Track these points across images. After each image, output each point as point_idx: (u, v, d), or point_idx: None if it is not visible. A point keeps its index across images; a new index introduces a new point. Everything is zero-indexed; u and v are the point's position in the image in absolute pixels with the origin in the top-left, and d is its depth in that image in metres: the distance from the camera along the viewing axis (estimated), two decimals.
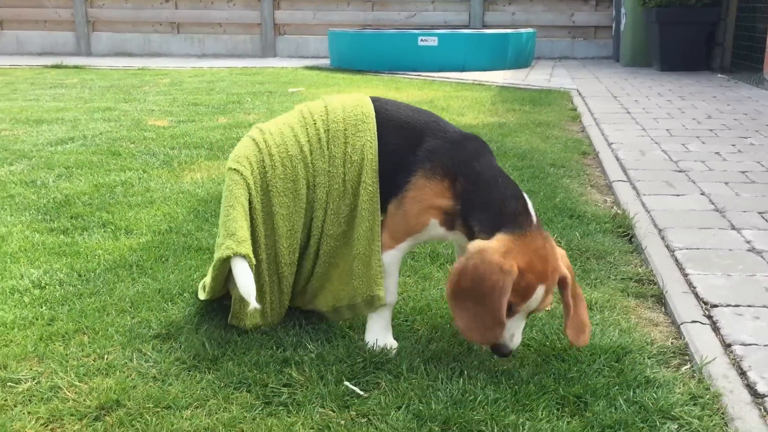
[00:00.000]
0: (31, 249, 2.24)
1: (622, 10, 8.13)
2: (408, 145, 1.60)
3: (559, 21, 9.54)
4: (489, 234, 1.47)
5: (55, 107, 5.15)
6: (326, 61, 9.04)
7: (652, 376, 1.49)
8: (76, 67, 8.55)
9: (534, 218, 1.51)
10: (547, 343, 1.63)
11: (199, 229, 2.43)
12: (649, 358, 1.57)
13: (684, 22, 7.18)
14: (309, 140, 1.64)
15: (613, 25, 9.06)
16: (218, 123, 4.46)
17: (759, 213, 2.54)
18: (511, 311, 1.45)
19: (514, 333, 1.48)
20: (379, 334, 1.63)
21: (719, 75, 6.94)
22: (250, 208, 1.60)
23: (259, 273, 1.63)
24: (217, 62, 9.15)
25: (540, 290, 1.44)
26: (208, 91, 6.07)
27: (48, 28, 10.62)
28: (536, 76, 7.17)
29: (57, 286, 1.95)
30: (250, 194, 1.60)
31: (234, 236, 1.55)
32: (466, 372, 1.51)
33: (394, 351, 1.59)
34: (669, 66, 7.36)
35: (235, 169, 1.62)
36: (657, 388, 1.44)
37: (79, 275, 2.03)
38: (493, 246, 1.43)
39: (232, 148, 3.68)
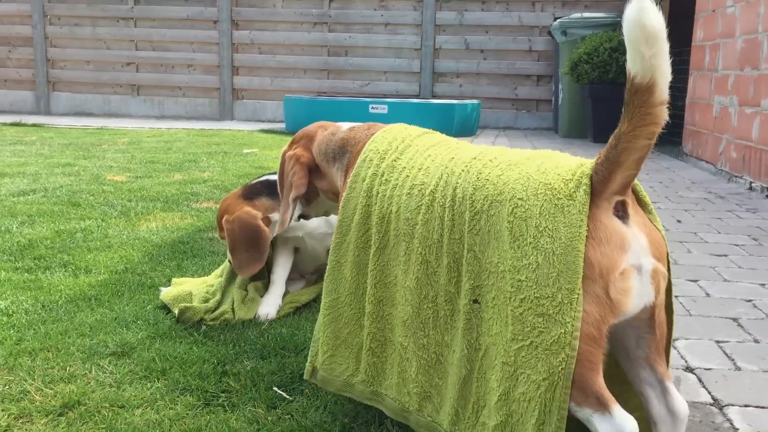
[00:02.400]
0: None
1: (560, 86, 8.75)
2: None
3: (504, 94, 10.16)
4: None
5: (16, 162, 5.38)
6: (282, 125, 9.43)
7: None
8: (35, 125, 8.77)
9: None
10: None
11: (152, 269, 2.69)
12: None
13: (614, 98, 7.77)
14: None
15: (553, 99, 9.69)
16: (174, 179, 4.75)
17: None
18: None
19: None
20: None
21: None
22: None
23: None
24: (175, 124, 9.47)
25: None
26: (165, 150, 6.37)
27: (8, 87, 10.86)
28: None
29: (23, 314, 2.19)
30: None
31: None
32: None
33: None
34: (601, 138, 7.92)
35: None
36: None
37: (43, 306, 2.28)
38: None
39: (186, 202, 3.97)
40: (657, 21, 1.08)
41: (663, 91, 1.13)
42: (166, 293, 2.31)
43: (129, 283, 2.52)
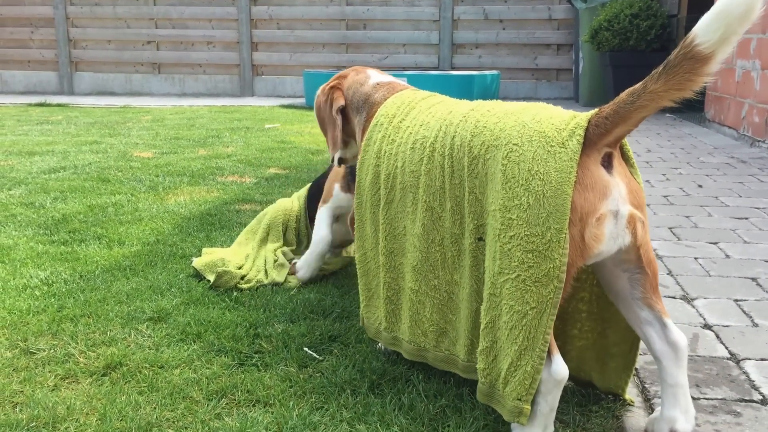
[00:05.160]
0: (36, 257, 2.57)
1: (581, 54, 8.69)
2: None
3: (523, 64, 10.10)
4: None
5: (45, 141, 5.50)
6: (302, 101, 9.47)
7: None
8: (59, 105, 8.89)
9: None
10: None
11: (183, 240, 2.77)
12: None
13: (635, 66, 7.71)
14: None
15: (573, 68, 9.62)
16: (198, 154, 4.83)
17: (669, 228, 2.94)
18: None
19: None
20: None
21: (667, 114, 7.46)
22: None
23: None
24: (197, 101, 9.55)
25: None
26: (188, 126, 6.45)
27: (32, 67, 10.99)
28: None
29: (62, 284, 2.29)
30: None
31: None
32: None
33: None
34: None
35: None
36: None
37: (81, 276, 2.37)
38: None
39: (212, 176, 4.05)
40: (762, 7, 1.12)
41: (716, 66, 1.17)
42: (198, 261, 2.40)
43: (161, 253, 2.61)
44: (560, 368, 1.30)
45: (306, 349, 1.82)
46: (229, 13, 10.47)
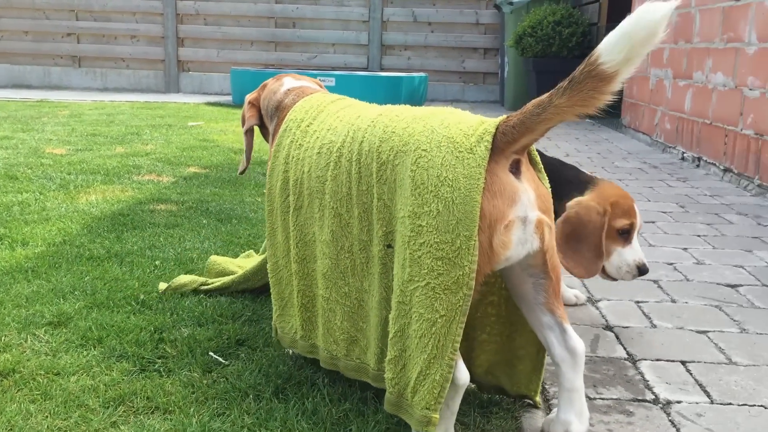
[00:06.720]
0: None
1: (506, 59, 8.85)
2: None
3: (451, 67, 10.23)
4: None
5: None
6: (229, 98, 9.33)
7: None
8: None
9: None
10: None
11: (91, 241, 2.69)
12: None
13: (557, 71, 7.85)
14: None
15: (499, 72, 9.80)
16: (116, 152, 4.69)
17: None
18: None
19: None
20: None
21: (587, 120, 7.69)
22: None
23: None
24: (119, 96, 9.28)
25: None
26: (107, 123, 6.26)
27: None
28: None
29: None
30: None
31: None
32: None
33: None
34: None
35: None
36: None
37: None
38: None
39: (127, 174, 3.94)
40: (664, 32, 1.12)
41: (618, 85, 1.18)
42: (212, 263, 2.31)
43: (67, 255, 2.52)
44: (462, 374, 1.30)
45: (211, 353, 1.79)
46: (153, 7, 10.22)
